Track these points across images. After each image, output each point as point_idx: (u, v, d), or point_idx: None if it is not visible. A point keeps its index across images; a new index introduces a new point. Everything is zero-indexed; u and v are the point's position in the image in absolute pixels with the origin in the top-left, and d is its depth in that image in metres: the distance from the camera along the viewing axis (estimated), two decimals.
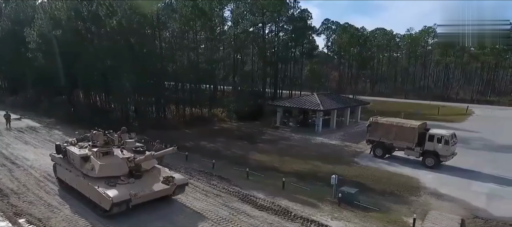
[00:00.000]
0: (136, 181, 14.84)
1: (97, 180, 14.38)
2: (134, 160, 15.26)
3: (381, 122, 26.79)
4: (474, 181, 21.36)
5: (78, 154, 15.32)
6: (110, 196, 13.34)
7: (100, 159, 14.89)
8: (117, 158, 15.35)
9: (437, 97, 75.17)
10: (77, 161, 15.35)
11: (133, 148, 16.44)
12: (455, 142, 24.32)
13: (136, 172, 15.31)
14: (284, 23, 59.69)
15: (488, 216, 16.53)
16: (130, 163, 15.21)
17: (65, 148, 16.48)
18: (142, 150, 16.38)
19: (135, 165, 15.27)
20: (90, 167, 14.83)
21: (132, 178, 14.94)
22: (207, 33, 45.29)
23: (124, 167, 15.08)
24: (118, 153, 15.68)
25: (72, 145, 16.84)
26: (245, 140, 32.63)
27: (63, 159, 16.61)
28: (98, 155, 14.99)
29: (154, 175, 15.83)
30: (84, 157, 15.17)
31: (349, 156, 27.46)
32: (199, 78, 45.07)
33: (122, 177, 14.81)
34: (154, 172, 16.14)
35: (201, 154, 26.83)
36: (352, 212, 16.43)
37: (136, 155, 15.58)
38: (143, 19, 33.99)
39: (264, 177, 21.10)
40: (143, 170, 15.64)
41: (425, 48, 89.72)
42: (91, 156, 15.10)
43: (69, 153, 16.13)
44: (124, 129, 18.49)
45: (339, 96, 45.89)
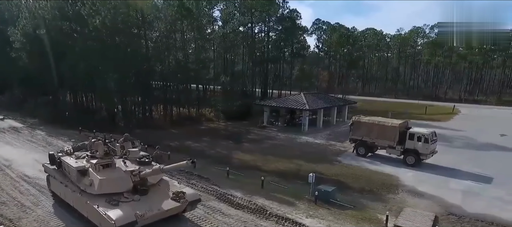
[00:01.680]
0: (141, 197, 12.85)
1: (97, 198, 12.45)
2: (139, 174, 13.24)
3: (363, 121, 27.00)
4: (452, 179, 21.63)
5: (75, 167, 13.41)
6: (113, 218, 11.42)
7: (100, 172, 12.96)
8: (119, 171, 13.34)
9: (426, 97, 75.96)
10: (73, 174, 13.48)
11: (137, 158, 14.36)
12: (435, 140, 24.57)
13: (142, 187, 13.26)
14: (274, 23, 59.86)
15: (462, 213, 16.75)
16: (135, 177, 13.19)
17: (59, 159, 14.63)
18: (148, 160, 14.39)
19: (140, 179, 13.27)
20: (88, 182, 12.90)
21: (137, 194, 12.95)
22: (195, 33, 45.14)
23: (128, 181, 13.06)
24: (120, 165, 13.72)
25: (68, 154, 15.05)
26: (231, 139, 32.66)
27: (58, 171, 14.83)
28: (98, 168, 13.05)
29: (161, 190, 13.80)
30: (82, 170, 13.27)
31: (332, 155, 27.61)
32: (187, 78, 45.02)
33: (126, 193, 12.86)
34: (162, 186, 14.11)
35: (185, 153, 26.65)
36: (328, 210, 16.55)
37: (141, 168, 13.60)
38: (127, 19, 33.78)
39: (244, 176, 21.15)
40: (149, 184, 13.61)
41: (414, 48, 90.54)
42: (89, 169, 13.19)
43: (64, 164, 14.28)
44: (127, 136, 16.49)
45: (326, 96, 46.10)
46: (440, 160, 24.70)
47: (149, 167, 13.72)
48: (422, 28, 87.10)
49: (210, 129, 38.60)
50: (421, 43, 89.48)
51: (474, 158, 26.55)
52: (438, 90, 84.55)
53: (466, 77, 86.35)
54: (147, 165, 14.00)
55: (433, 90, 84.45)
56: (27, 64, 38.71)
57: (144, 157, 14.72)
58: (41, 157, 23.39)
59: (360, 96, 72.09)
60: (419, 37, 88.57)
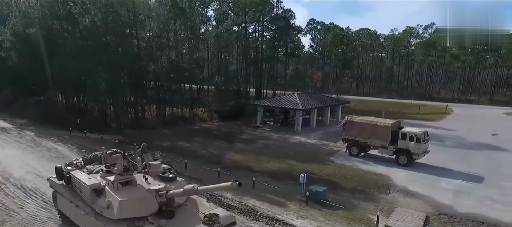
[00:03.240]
0: (168, 221, 10.77)
1: (117, 223, 10.47)
2: (167, 193, 11.01)
3: (356, 120, 26.96)
4: (443, 178, 21.64)
5: (88, 185, 11.33)
6: None
7: (120, 192, 10.87)
8: (142, 190, 11.16)
9: (420, 97, 76.32)
10: (86, 193, 11.47)
11: (160, 173, 12.28)
12: (427, 140, 24.60)
13: (167, 207, 11.06)
14: (268, 22, 59.76)
15: (453, 212, 16.74)
16: (161, 197, 11.00)
17: (68, 173, 12.69)
18: (173, 175, 12.23)
19: (167, 199, 11.08)
20: (105, 204, 10.82)
21: (163, 218, 10.76)
22: (188, 33, 44.84)
23: (153, 203, 10.86)
24: (142, 182, 11.55)
25: (78, 168, 13.12)
26: (223, 139, 32.47)
27: (66, 188, 12.89)
28: (116, 187, 10.97)
29: (190, 212, 11.69)
30: (97, 190, 11.29)
31: (325, 155, 27.53)
32: (181, 78, 44.73)
33: (150, 217, 10.74)
34: (189, 206, 11.99)
35: (176, 154, 26.47)
36: (319, 210, 16.42)
37: (167, 185, 11.40)
38: (118, 18, 33.42)
39: (235, 177, 20.89)
40: (176, 204, 11.45)
41: (408, 48, 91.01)
42: (106, 188, 11.18)
43: (74, 180, 12.30)
44: (144, 146, 14.41)
45: (320, 96, 46.08)
46: (432, 159, 24.72)
47: (175, 184, 11.69)
48: (415, 28, 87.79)
49: (203, 129, 38.36)
50: (414, 43, 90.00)
51: (466, 158, 26.64)
52: (431, 90, 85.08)
53: (459, 77, 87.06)
54: (172, 181, 11.84)
55: (426, 90, 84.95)
56: (17, 64, 38.13)
57: (167, 170, 12.63)
58: (28, 158, 23.14)
59: (354, 96, 72.27)
60: (413, 37, 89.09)
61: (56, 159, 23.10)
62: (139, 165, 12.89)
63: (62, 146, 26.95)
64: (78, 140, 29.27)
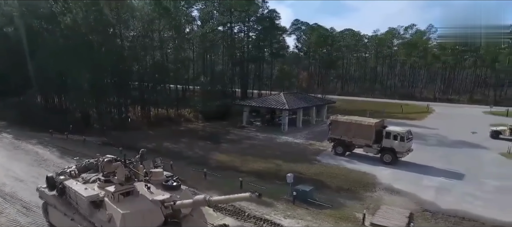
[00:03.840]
0: None
1: None
2: (174, 204, 10.16)
3: (341, 120, 27.27)
4: (426, 176, 22.13)
5: (86, 196, 10.48)
6: None
7: (121, 203, 9.99)
8: (145, 201, 10.35)
9: (402, 96, 77.88)
10: (83, 205, 10.64)
11: (163, 181, 11.50)
12: (410, 139, 25.09)
13: (172, 218, 10.33)
14: (253, 23, 59.80)
15: (436, 209, 17.14)
16: (167, 208, 10.20)
17: (62, 183, 11.75)
18: (177, 184, 11.49)
19: (173, 210, 10.29)
20: (105, 217, 9.96)
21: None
22: (173, 32, 44.38)
23: (159, 215, 10.08)
24: (144, 191, 10.79)
25: (72, 177, 12.25)
26: (209, 140, 32.27)
27: (59, 199, 11.96)
28: (117, 198, 10.13)
29: (198, 224, 11.00)
30: (96, 202, 10.46)
31: (311, 154, 27.72)
32: (166, 78, 44.24)
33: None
34: (196, 216, 11.23)
35: (162, 155, 25.97)
36: (306, 209, 16.51)
37: (173, 195, 10.58)
38: (101, 17, 32.73)
39: (222, 177, 20.86)
40: (182, 215, 10.74)
41: (391, 49, 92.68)
42: (105, 199, 10.32)
43: (69, 191, 11.41)
44: (143, 152, 13.21)
45: (306, 96, 46.41)
46: (415, 157, 25.24)
47: (179, 193, 10.89)
48: (397, 29, 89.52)
49: (188, 129, 38.02)
50: (397, 43, 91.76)
51: (447, 155, 27.31)
52: (414, 89, 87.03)
53: (440, 77, 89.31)
54: (176, 190, 11.06)
55: (409, 90, 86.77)
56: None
57: (170, 178, 11.90)
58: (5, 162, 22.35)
59: (339, 96, 73.08)
60: (395, 38, 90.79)
61: (36, 162, 22.47)
62: (141, 173, 11.94)
63: (42, 148, 26.18)
64: (60, 142, 28.50)
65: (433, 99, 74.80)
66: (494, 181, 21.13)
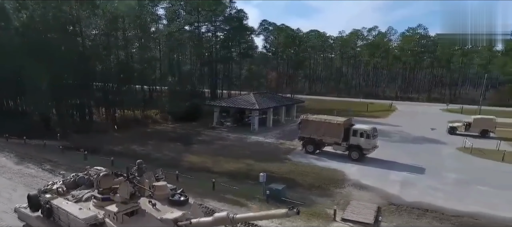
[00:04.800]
0: None
1: None
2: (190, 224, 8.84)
3: (311, 119, 27.83)
4: (391, 171, 23.13)
5: (83, 219, 8.97)
6: None
7: (126, 225, 8.79)
8: (154, 221, 9.00)
9: (367, 95, 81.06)
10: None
11: (168, 195, 10.07)
12: (376, 136, 26.11)
13: None
14: (221, 22, 59.46)
15: (401, 202, 17.94)
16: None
17: (49, 202, 10.18)
18: (184, 198, 9.95)
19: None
20: None
21: None
22: (138, 31, 43.06)
23: None
24: (150, 209, 9.38)
25: (60, 195, 10.68)
26: (179, 141, 31.65)
27: (45, 221, 10.34)
28: (121, 219, 8.79)
29: None
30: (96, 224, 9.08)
31: (282, 154, 28.01)
32: (131, 78, 42.83)
33: None
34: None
35: (130, 158, 25.18)
36: (279, 208, 16.60)
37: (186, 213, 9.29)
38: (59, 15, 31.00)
39: (195, 179, 20.52)
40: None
41: (355, 49, 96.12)
42: (107, 220, 8.97)
43: (58, 211, 9.88)
44: (140, 163, 11.85)
45: (275, 95, 46.93)
46: (380, 154, 26.28)
47: (188, 208, 9.63)
48: (361, 30, 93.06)
49: (157, 131, 37.05)
50: (360, 45, 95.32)
51: (410, 151, 28.74)
52: (377, 89, 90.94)
53: (400, 77, 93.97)
54: (184, 206, 9.69)
55: (372, 89, 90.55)
56: None
57: (174, 191, 10.52)
58: None
59: (307, 96, 74.58)
60: (359, 39, 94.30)
61: None
62: (147, 188, 10.28)
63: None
64: (17, 147, 26.68)
65: (395, 98, 78.59)
66: (453, 174, 22.55)
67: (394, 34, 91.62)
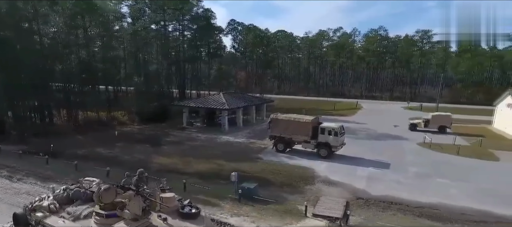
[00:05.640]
0: None
1: None
2: None
3: (280, 118, 28.22)
4: (358, 167, 24.01)
5: None
6: None
7: None
8: None
9: (333, 94, 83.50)
10: None
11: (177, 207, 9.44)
12: (343, 133, 26.97)
13: None
14: (188, 21, 58.54)
15: (368, 196, 18.71)
16: None
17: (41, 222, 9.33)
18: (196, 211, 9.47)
19: None
20: None
21: None
22: (100, 30, 41.39)
23: None
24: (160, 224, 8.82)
25: (53, 212, 9.65)
26: (148, 143, 30.80)
27: None
28: None
29: None
30: None
31: (253, 153, 28.14)
32: (94, 78, 41.05)
33: None
34: None
35: (95, 161, 24.29)
36: (251, 206, 16.74)
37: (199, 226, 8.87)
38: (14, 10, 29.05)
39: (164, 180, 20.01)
40: None
41: (321, 50, 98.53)
42: None
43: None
44: (142, 173, 11.14)
45: (245, 95, 46.99)
46: (348, 150, 27.18)
47: (201, 221, 9.21)
48: (326, 31, 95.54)
49: (124, 133, 35.73)
50: (326, 45, 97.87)
51: (375, 147, 29.98)
52: (343, 88, 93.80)
53: (365, 76, 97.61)
54: (196, 219, 9.22)
55: (339, 88, 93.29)
56: None
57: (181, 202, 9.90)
58: None
59: (276, 95, 75.45)
60: (325, 40, 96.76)
61: None
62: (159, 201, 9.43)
63: None
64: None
65: (360, 96, 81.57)
66: (414, 168, 23.83)
67: (358, 35, 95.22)
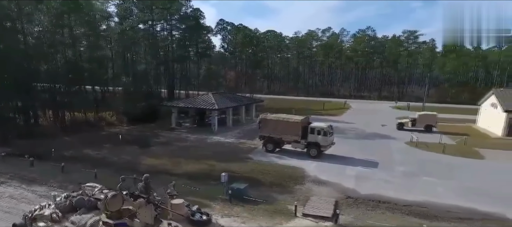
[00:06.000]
0: None
1: None
2: None
3: (270, 118, 28.30)
4: (347, 166, 24.26)
5: None
6: None
7: None
8: None
9: (323, 94, 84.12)
10: None
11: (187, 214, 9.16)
12: (332, 133, 27.21)
13: None
14: (177, 21, 58.13)
15: (357, 195, 18.94)
16: None
17: None
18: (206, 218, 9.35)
19: None
20: None
21: None
22: (86, 29, 40.77)
23: None
24: None
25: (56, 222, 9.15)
26: (136, 144, 30.46)
27: None
28: None
29: None
30: None
31: (243, 153, 28.12)
32: (81, 78, 40.37)
33: None
34: None
35: (83, 163, 23.91)
36: (242, 207, 16.75)
37: None
38: None
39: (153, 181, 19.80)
40: None
41: (310, 50, 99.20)
42: None
43: None
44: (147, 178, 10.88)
45: (234, 95, 46.96)
46: (337, 150, 27.43)
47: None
48: (315, 31, 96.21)
49: (112, 134, 35.29)
50: (315, 45, 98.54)
51: (364, 146, 30.32)
52: (332, 88, 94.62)
53: (353, 76, 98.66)
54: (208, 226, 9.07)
55: (328, 88, 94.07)
56: None
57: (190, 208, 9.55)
58: None
59: (266, 95, 75.56)
60: (314, 40, 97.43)
61: None
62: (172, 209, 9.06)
63: None
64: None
65: (349, 96, 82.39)
66: (402, 167, 24.21)
67: (346, 36, 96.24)
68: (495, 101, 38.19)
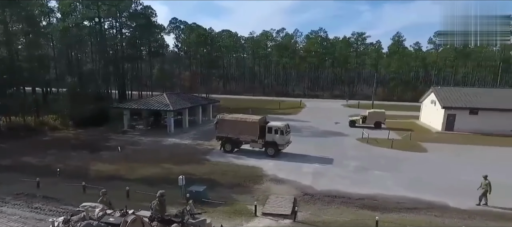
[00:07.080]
0: None
1: None
2: None
3: (227, 118, 28.08)
4: (304, 164, 24.84)
5: None
6: None
7: None
8: None
9: (278, 93, 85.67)
10: None
11: None
12: (289, 132, 27.71)
13: None
14: (126, 19, 55.55)
15: (313, 192, 19.42)
16: None
17: None
18: None
19: None
20: None
21: None
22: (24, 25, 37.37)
23: None
24: None
25: None
26: (85, 149, 28.51)
27: None
28: None
29: None
30: None
31: (200, 154, 27.59)
32: (19, 79, 36.86)
33: None
34: None
35: (22, 172, 21.82)
36: (201, 209, 16.26)
37: None
38: None
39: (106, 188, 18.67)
40: None
41: (265, 50, 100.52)
42: None
43: None
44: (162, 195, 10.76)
45: (190, 96, 45.97)
46: (294, 148, 27.97)
47: None
48: (270, 32, 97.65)
49: (56, 139, 32.72)
50: (270, 45, 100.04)
51: (319, 144, 31.31)
52: (287, 87, 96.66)
53: (307, 76, 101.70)
54: None
55: (283, 88, 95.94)
56: None
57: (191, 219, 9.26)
58: None
59: (222, 95, 75.10)
60: (269, 40, 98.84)
61: None
62: None
63: None
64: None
65: (303, 95, 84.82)
66: (354, 162, 25.37)
67: (299, 36, 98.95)
68: (434, 99, 41.56)
